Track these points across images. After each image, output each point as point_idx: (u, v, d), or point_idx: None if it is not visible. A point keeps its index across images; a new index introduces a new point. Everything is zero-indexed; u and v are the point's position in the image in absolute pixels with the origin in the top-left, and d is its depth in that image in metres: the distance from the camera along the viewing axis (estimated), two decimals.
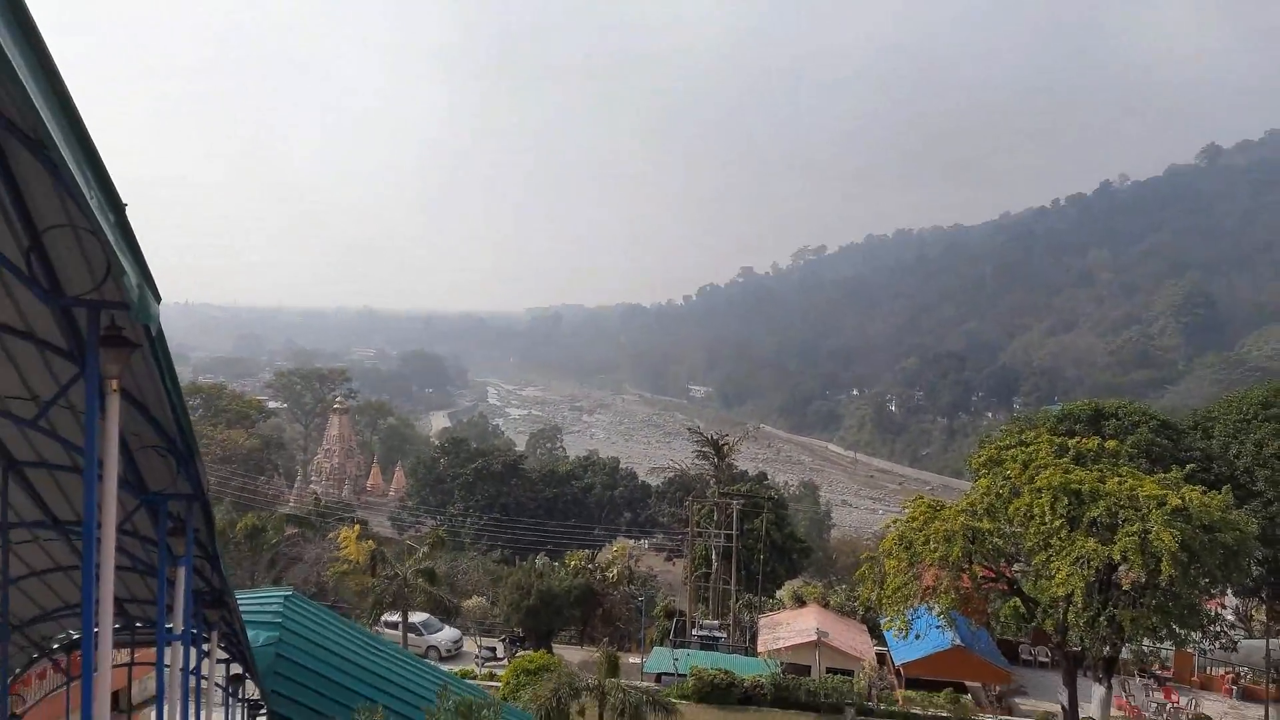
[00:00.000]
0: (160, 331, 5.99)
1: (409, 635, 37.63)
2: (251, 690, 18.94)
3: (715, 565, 48.13)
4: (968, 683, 36.38)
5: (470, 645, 41.03)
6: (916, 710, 31.44)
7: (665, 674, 34.55)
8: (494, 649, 39.33)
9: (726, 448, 53.78)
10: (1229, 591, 36.07)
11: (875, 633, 41.73)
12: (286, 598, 19.62)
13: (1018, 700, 36.62)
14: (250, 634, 17.07)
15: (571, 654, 41.22)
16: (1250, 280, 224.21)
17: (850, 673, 35.57)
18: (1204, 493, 28.72)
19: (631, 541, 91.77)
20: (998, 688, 36.74)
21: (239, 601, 18.58)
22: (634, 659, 39.42)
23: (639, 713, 22.66)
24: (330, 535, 56.04)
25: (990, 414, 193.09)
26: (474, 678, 33.24)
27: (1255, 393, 35.10)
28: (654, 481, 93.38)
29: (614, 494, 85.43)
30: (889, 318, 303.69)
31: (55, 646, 18.00)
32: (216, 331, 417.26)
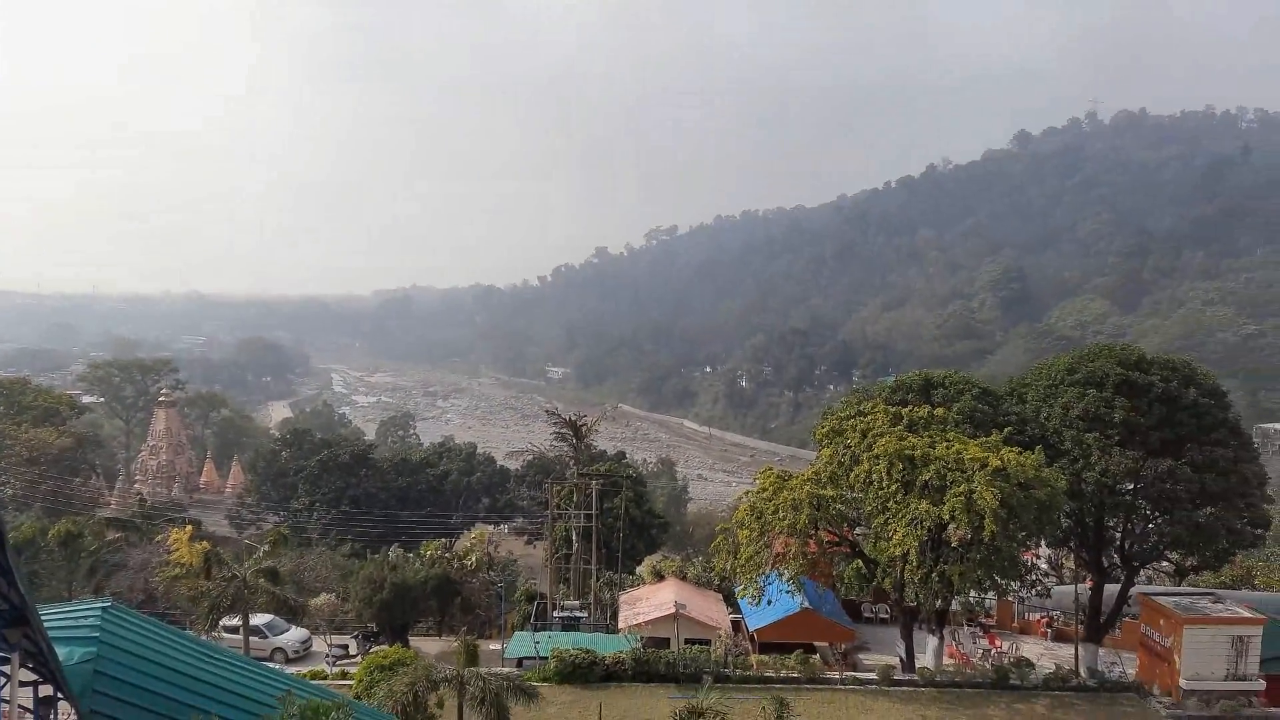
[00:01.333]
0: None
1: (252, 639, 35.55)
2: (66, 713, 17.22)
3: (576, 546, 48.19)
4: (816, 643, 38.19)
5: (320, 645, 39.26)
6: (770, 673, 32.69)
7: (527, 658, 34.32)
8: (346, 647, 37.81)
9: (585, 428, 53.81)
10: (1043, 543, 39.52)
11: (731, 601, 43.08)
12: (105, 609, 17.94)
13: (861, 656, 38.81)
14: (63, 651, 15.50)
15: (430, 646, 40.27)
16: (1056, 257, 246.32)
17: (708, 642, 36.57)
18: (1020, 453, 31.24)
19: (491, 528, 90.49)
20: (843, 646, 38.78)
21: (49, 616, 16.83)
22: (495, 646, 38.93)
23: (499, 700, 22.34)
24: (159, 538, 52.01)
25: (832, 387, 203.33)
26: (325, 678, 31.80)
27: (1061, 360, 38.42)
28: (513, 465, 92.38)
29: (471, 480, 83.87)
30: (739, 296, 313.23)
31: None
32: (23, 321, 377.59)
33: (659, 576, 45.71)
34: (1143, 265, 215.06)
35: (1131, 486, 34.70)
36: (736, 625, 41.66)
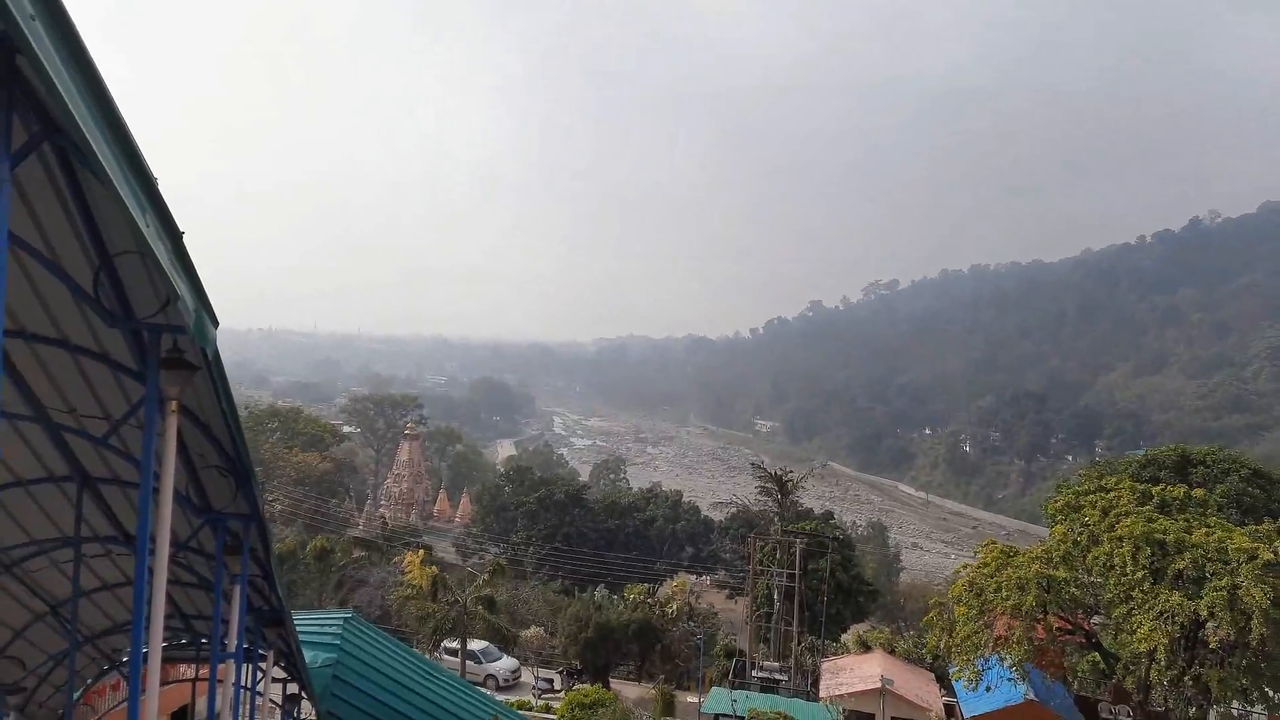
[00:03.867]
0: (217, 354, 6.19)
1: (467, 663, 37.76)
2: (307, 710, 19.20)
3: (778, 605, 47.15)
4: None
5: (528, 675, 40.95)
6: None
7: (722, 715, 33.82)
8: (551, 680, 39.15)
9: (791, 484, 52.89)
10: None
11: (944, 683, 40.15)
12: (347, 620, 19.90)
13: None
14: (309, 654, 17.34)
15: (629, 690, 40.77)
16: None
17: None
18: None
19: (693, 577, 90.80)
20: None
21: (301, 622, 18.95)
22: (691, 698, 38.72)
23: None
24: (395, 559, 56.84)
25: (1070, 457, 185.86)
26: (530, 709, 33.11)
27: None
28: (717, 516, 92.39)
29: (676, 528, 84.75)
30: (964, 354, 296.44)
31: (125, 659, 18.57)
32: (297, 356, 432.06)
33: (865, 647, 43.58)
34: None
35: None
36: (949, 709, 38.68)
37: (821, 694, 37.29)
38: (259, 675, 15.20)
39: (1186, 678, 27.51)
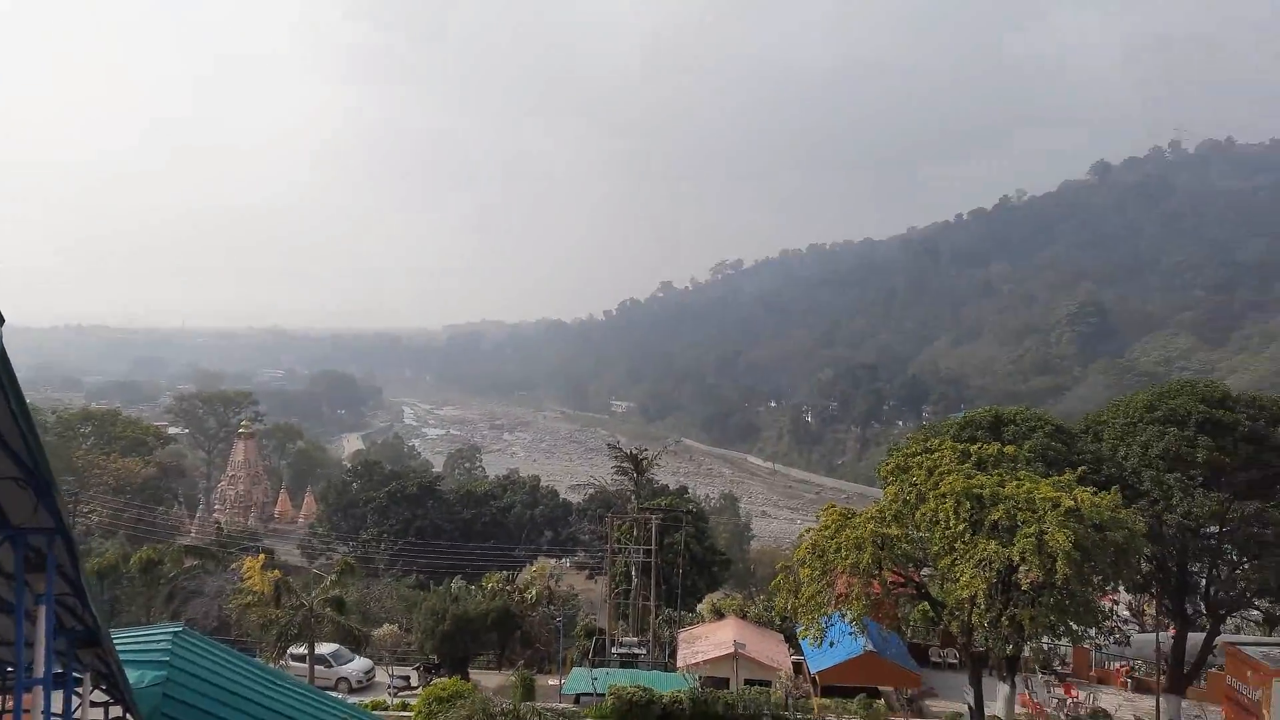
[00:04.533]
0: (3, 354, 5.63)
1: (318, 668, 36.25)
2: None
3: (635, 581, 47.98)
4: (880, 687, 37.10)
5: (383, 675, 39.79)
6: (831, 717, 31.90)
7: (584, 694, 34.19)
8: (407, 678, 38.23)
9: (646, 462, 53.82)
10: (1121, 588, 37.77)
11: (793, 642, 42.21)
12: (176, 634, 18.59)
13: (928, 703, 37.51)
14: (134, 674, 16.10)
15: (490, 679, 40.42)
16: (1138, 290, 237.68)
17: (768, 683, 35.84)
18: (1095, 494, 30.01)
19: (553, 561, 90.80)
20: (909, 691, 37.55)
21: (123, 640, 17.54)
22: (553, 681, 38.87)
23: None
24: (233, 566, 53.67)
25: (901, 422, 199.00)
26: (386, 709, 32.22)
27: (1140, 396, 36.95)
28: (575, 499, 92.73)
29: (534, 513, 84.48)
30: (805, 330, 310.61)
31: None
32: (113, 355, 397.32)
33: (719, 615, 45.14)
34: (1231, 298, 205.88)
35: (1216, 530, 33.04)
36: (798, 667, 40.74)
37: (679, 664, 38.37)
38: (75, 701, 13.96)
39: (1003, 618, 30.16)
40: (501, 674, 42.57)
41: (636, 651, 41.24)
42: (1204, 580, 35.30)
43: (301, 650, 34.56)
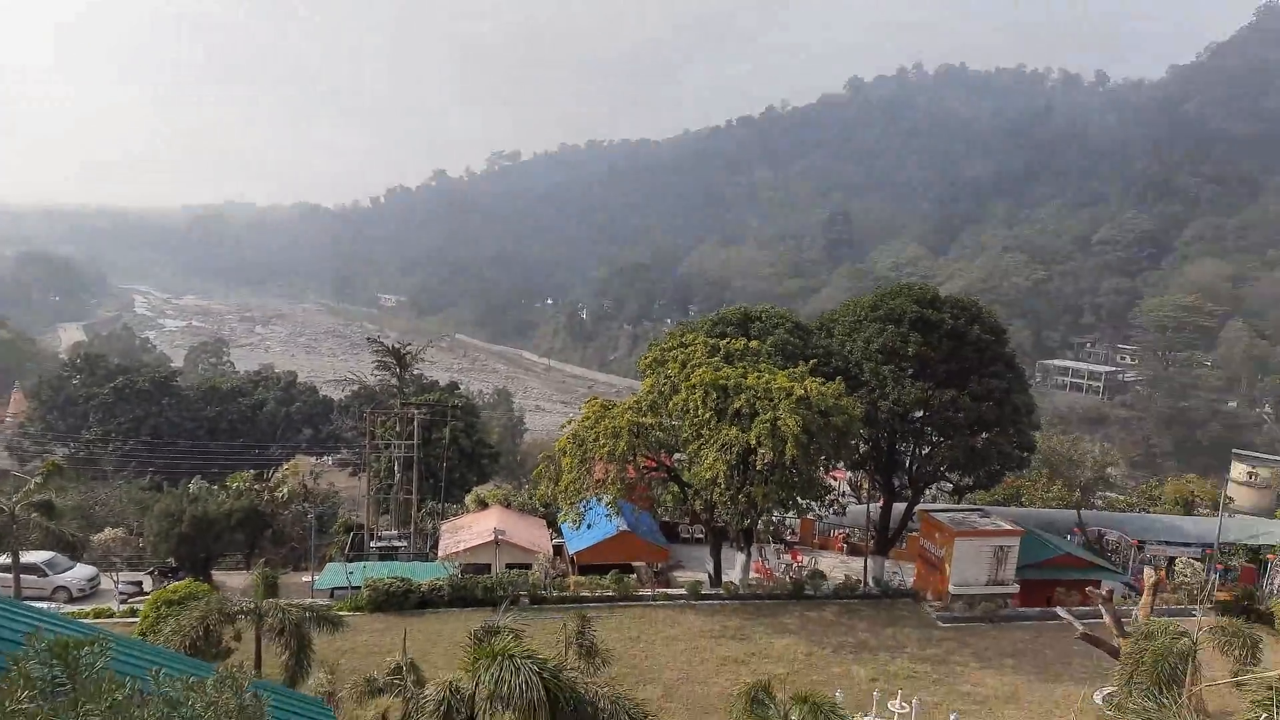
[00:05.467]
0: None
1: (31, 578, 32.72)
2: None
3: (398, 476, 47.30)
4: (633, 563, 39.67)
5: (109, 582, 36.72)
6: (585, 593, 33.76)
7: (339, 589, 33.64)
8: (139, 583, 35.54)
9: (410, 357, 52.32)
10: (841, 465, 42.48)
11: (554, 526, 43.84)
12: None
13: (676, 574, 40.70)
14: None
15: (235, 579, 38.60)
16: (880, 200, 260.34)
17: (529, 566, 37.15)
18: (823, 384, 33.25)
19: (314, 459, 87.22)
20: (658, 565, 40.48)
21: None
22: (307, 578, 37.83)
23: (300, 629, 21.77)
24: None
25: (670, 320, 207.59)
26: (112, 615, 29.89)
27: (866, 298, 40.98)
28: (337, 396, 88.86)
29: (290, 410, 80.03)
30: (584, 228, 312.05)
31: None
32: None
33: (483, 505, 45.77)
34: (954, 212, 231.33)
35: (920, 414, 37.80)
36: (558, 549, 42.52)
37: (441, 553, 38.70)
38: None
39: (740, 496, 33.13)
40: (250, 574, 40.78)
41: (397, 544, 41.07)
42: (908, 458, 40.57)
43: (5, 560, 30.96)
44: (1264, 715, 10.48)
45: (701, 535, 46.54)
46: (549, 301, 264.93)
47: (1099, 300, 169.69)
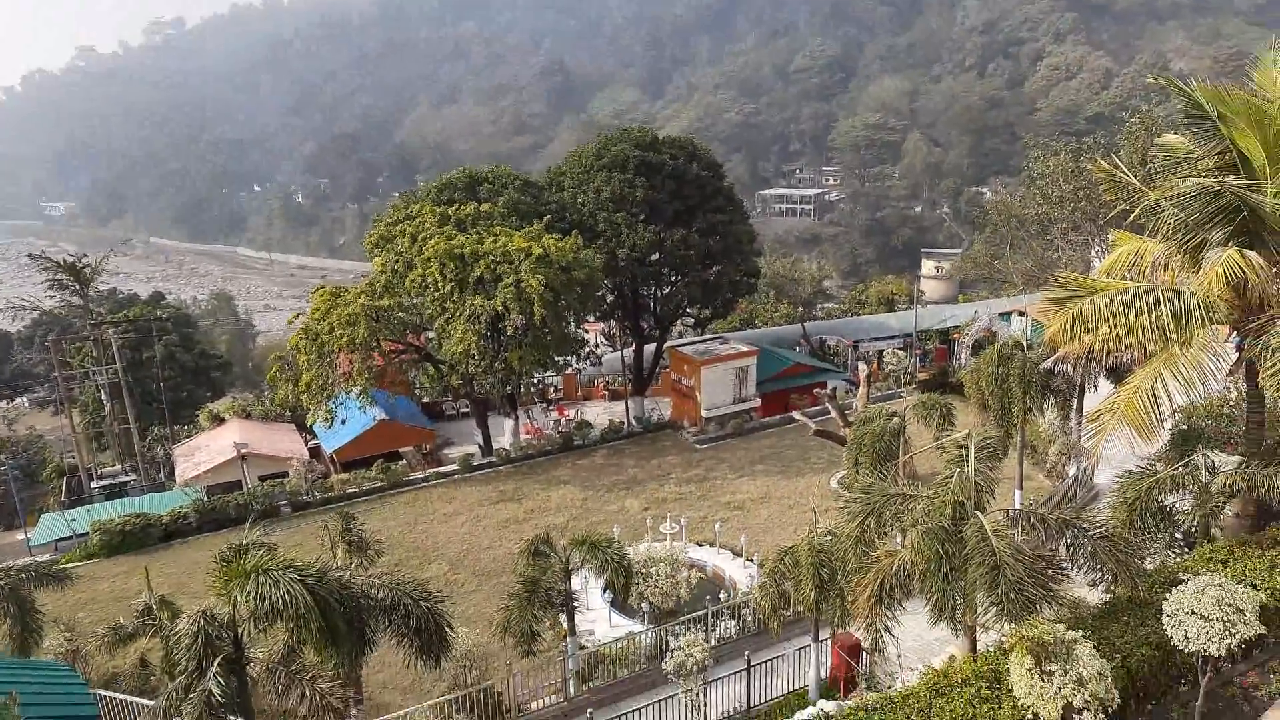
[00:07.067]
0: None
1: None
2: None
3: (109, 406, 41.94)
4: (401, 449, 38.74)
5: None
6: (353, 489, 32.56)
7: (63, 539, 29.89)
8: None
9: (89, 270, 45.37)
10: (591, 317, 43.47)
11: (308, 429, 41.45)
12: None
13: (446, 451, 40.39)
14: None
15: None
16: (590, 48, 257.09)
17: (285, 474, 35.05)
18: (560, 239, 33.15)
19: (3, 404, 75.47)
20: (427, 446, 39.89)
21: None
22: (21, 535, 33.22)
23: (17, 593, 19.10)
24: None
25: (396, 194, 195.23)
26: None
27: (590, 147, 40.79)
28: (13, 328, 76.25)
29: None
30: (275, 100, 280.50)
31: None
32: None
33: (219, 420, 42.09)
34: (661, 55, 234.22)
35: (656, 256, 39.12)
36: (315, 452, 40.43)
37: (178, 480, 35.40)
38: None
39: (496, 363, 32.92)
40: None
41: (124, 479, 36.92)
42: (651, 300, 42.19)
43: None
44: (956, 469, 12.27)
45: (467, 409, 46.32)
46: (255, 188, 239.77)
47: (802, 127, 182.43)
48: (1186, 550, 15.50)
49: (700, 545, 25.43)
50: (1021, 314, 43.03)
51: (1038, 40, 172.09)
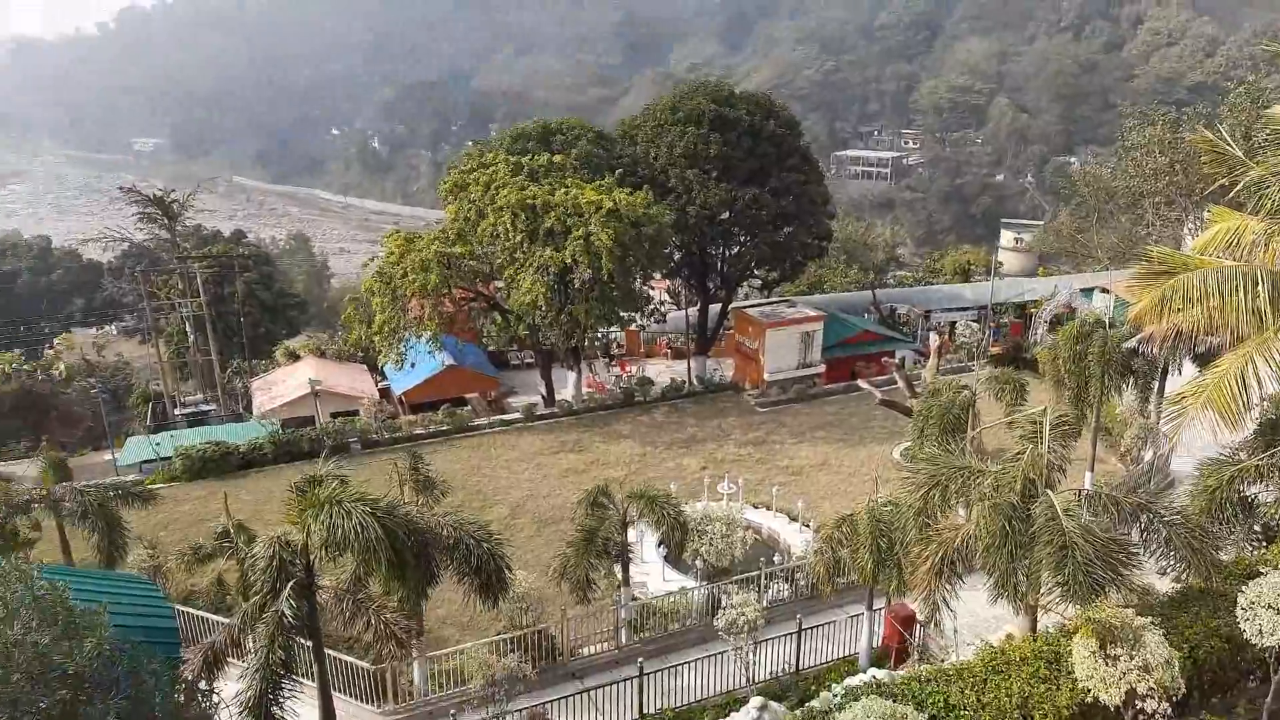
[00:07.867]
0: None
1: None
2: None
3: (192, 338, 43.70)
4: (466, 395, 39.57)
5: None
6: (419, 430, 33.42)
7: (148, 462, 31.46)
8: None
9: (177, 206, 46.98)
10: (658, 274, 43.36)
11: (379, 370, 42.60)
12: None
13: (510, 401, 41.09)
14: None
15: (24, 470, 35.22)
16: (670, 2, 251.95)
17: (355, 413, 36.18)
18: (630, 194, 32.97)
19: (93, 331, 79.13)
20: (491, 393, 40.65)
21: None
22: (109, 456, 35.09)
23: (105, 510, 20.26)
24: None
25: (470, 142, 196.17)
26: None
27: (665, 101, 40.18)
28: (104, 259, 79.59)
29: (50, 280, 71.17)
30: (354, 48, 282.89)
31: None
32: None
33: (294, 358, 43.54)
34: (743, 6, 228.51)
35: (726, 215, 38.63)
36: (385, 393, 41.59)
37: (255, 412, 36.84)
38: None
39: (563, 316, 33.19)
40: (38, 461, 37.30)
41: (206, 408, 38.57)
42: (719, 260, 41.80)
43: None
44: (1028, 446, 12.01)
45: (531, 360, 46.89)
46: (334, 132, 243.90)
47: (883, 88, 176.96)
48: (1266, 544, 14.93)
49: (756, 508, 25.45)
50: (1105, 290, 41.34)
51: (1139, 2, 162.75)
